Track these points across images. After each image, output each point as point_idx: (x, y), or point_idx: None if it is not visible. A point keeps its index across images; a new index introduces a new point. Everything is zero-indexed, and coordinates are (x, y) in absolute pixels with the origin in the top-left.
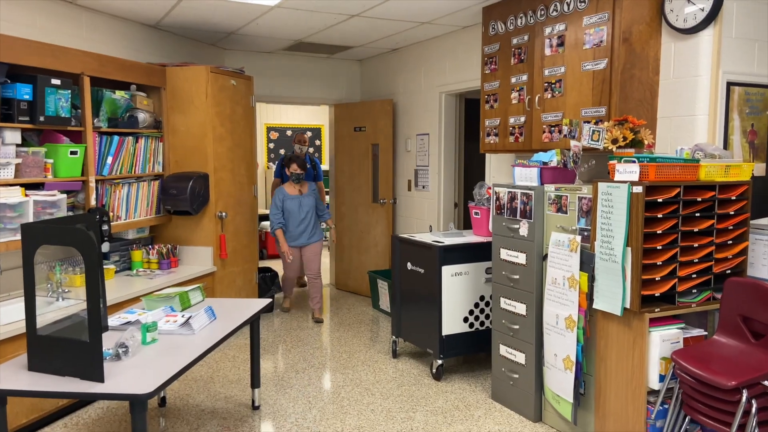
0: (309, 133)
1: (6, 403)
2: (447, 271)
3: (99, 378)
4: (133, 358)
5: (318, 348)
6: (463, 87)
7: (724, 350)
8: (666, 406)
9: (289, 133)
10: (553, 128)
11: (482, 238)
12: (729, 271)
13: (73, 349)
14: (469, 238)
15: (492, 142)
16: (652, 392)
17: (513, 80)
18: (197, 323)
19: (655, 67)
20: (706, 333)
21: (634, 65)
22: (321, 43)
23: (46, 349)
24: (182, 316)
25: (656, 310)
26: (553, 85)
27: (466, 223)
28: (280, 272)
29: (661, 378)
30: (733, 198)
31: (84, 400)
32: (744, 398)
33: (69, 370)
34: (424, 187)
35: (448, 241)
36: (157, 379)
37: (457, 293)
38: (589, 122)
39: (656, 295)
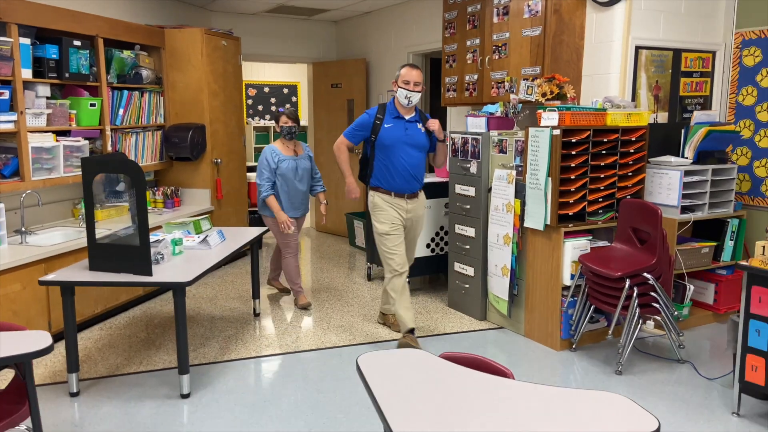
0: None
1: (74, 293)
2: None
3: (148, 272)
4: (168, 263)
5: (303, 275)
6: (428, 48)
7: (617, 253)
8: (575, 299)
9: (266, 89)
10: (499, 84)
11: (442, 178)
12: (629, 197)
13: (126, 252)
14: (431, 178)
15: (451, 96)
16: (566, 288)
17: (468, 43)
18: (213, 241)
19: (580, 34)
20: (610, 244)
21: (563, 32)
22: (300, 6)
23: (104, 253)
24: (199, 237)
25: (570, 225)
26: (499, 48)
27: (430, 168)
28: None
29: (572, 277)
30: (633, 139)
31: (113, 310)
32: (627, 285)
33: (123, 267)
34: None
35: None
36: (193, 273)
37: None
38: (526, 79)
39: (570, 214)
